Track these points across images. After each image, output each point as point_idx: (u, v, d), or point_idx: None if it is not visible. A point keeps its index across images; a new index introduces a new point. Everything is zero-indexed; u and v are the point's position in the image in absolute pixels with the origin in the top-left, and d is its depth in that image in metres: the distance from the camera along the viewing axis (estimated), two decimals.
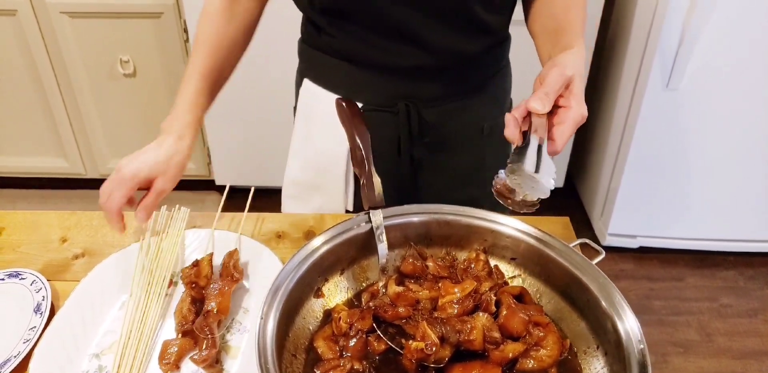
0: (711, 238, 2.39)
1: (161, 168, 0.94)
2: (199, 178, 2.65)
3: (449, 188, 1.16)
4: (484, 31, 1.03)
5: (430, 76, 1.05)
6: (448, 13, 0.97)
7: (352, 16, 0.99)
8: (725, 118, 2.09)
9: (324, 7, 1.01)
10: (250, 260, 0.99)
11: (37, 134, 2.54)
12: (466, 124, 1.12)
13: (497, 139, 1.16)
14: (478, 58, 1.07)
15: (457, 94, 1.09)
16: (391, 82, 1.05)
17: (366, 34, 1.00)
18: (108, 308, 0.93)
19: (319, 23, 1.05)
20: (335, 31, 1.03)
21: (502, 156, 1.20)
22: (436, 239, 0.90)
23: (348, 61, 1.05)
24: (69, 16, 2.22)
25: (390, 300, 0.81)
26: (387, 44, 1.01)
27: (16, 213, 1.13)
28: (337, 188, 1.14)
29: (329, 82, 1.09)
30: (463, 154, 1.15)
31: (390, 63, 1.03)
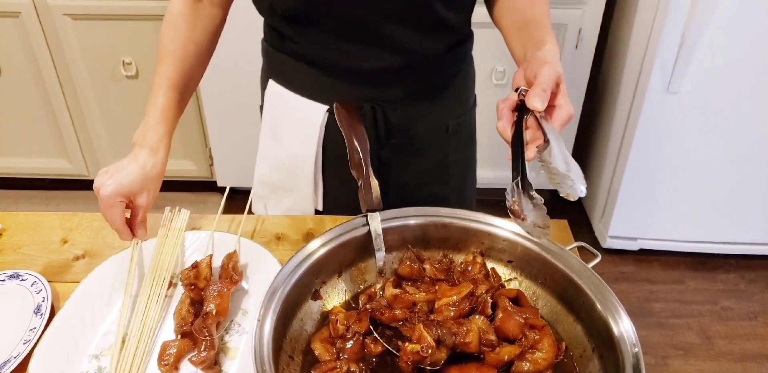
0: (711, 241, 2.39)
1: (138, 186, 0.97)
2: (200, 180, 2.66)
3: (415, 186, 1.17)
4: (446, 30, 1.03)
5: (395, 77, 1.05)
6: (409, 14, 0.97)
7: (314, 21, 0.99)
8: (725, 121, 2.09)
9: (285, 13, 1.00)
10: (250, 261, 0.99)
11: (40, 135, 2.55)
12: (432, 123, 1.13)
13: (462, 136, 1.19)
14: (442, 57, 1.08)
15: (422, 95, 1.09)
16: (355, 84, 1.05)
17: (328, 38, 1.00)
18: (108, 309, 0.94)
19: (280, 29, 1.05)
20: (297, 37, 1.03)
21: (465, 152, 1.22)
22: (433, 241, 0.91)
23: (311, 64, 1.06)
24: (72, 18, 2.23)
25: (387, 302, 0.81)
26: (350, 48, 1.01)
27: (18, 214, 1.14)
28: (306, 189, 1.15)
29: (294, 84, 1.10)
30: (429, 153, 1.16)
31: (354, 66, 1.03)
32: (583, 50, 2.23)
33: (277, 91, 1.12)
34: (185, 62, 1.03)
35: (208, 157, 2.58)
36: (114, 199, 0.94)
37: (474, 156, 1.27)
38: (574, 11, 2.15)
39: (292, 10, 0.99)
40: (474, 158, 1.27)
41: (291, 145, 1.14)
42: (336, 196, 1.17)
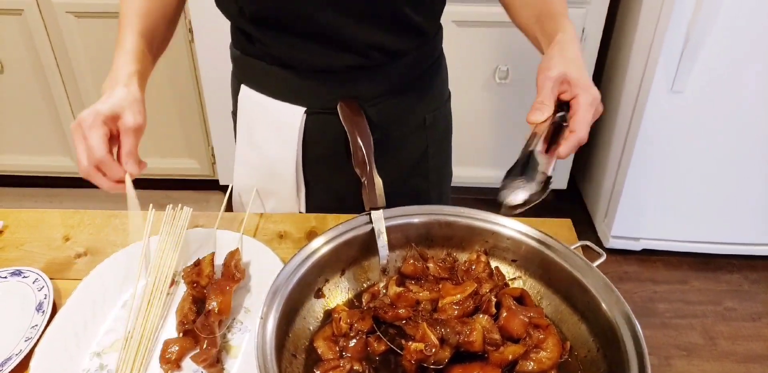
0: (715, 241, 2.38)
1: (119, 106, 0.87)
2: (203, 178, 2.66)
3: (396, 181, 1.15)
4: (414, 30, 1.03)
5: (367, 75, 1.05)
6: (377, 16, 0.97)
7: (282, 22, 0.98)
8: (729, 121, 2.08)
9: (253, 16, 0.99)
10: (252, 259, 0.99)
11: (43, 133, 2.55)
12: (409, 118, 1.13)
13: (438, 129, 1.19)
14: (412, 54, 1.07)
15: (396, 90, 1.09)
16: (330, 84, 1.05)
17: (298, 40, 1.00)
18: (109, 306, 0.93)
19: (249, 31, 1.04)
20: (267, 39, 1.02)
21: (442, 145, 1.22)
22: (437, 240, 0.91)
23: (284, 67, 1.05)
24: (75, 15, 2.23)
25: (390, 301, 0.81)
26: (319, 48, 1.00)
27: (20, 211, 1.14)
28: (288, 192, 1.14)
29: (268, 88, 1.09)
30: (408, 148, 1.16)
31: (325, 66, 1.03)
32: (586, 50, 2.22)
33: (250, 96, 1.11)
34: (149, 17, 0.99)
35: (211, 156, 2.58)
36: (93, 118, 0.83)
37: (450, 149, 1.28)
38: (578, 10, 2.14)
39: (260, 13, 0.98)
40: (450, 151, 1.28)
41: (270, 150, 1.12)
42: (319, 197, 1.16)
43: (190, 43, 2.28)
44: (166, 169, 2.62)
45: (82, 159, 0.83)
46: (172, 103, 2.45)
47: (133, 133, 0.86)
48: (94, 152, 0.83)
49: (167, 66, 2.35)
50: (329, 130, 1.07)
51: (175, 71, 2.36)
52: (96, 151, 0.83)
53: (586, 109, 0.79)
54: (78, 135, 0.84)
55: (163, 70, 2.36)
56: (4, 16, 2.25)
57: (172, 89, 2.41)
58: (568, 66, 0.82)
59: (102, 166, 0.84)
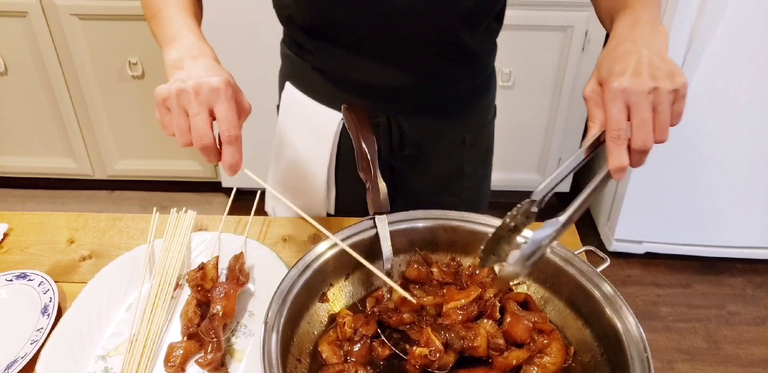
0: (719, 244, 2.38)
1: (233, 82, 0.78)
2: (206, 181, 2.66)
3: (426, 196, 1.15)
4: (466, 54, 1.02)
5: (410, 93, 1.04)
6: (431, 39, 0.95)
7: (332, 35, 0.98)
8: (732, 125, 2.08)
9: (304, 25, 1.00)
10: (256, 263, 0.99)
11: (46, 135, 2.55)
12: (448, 136, 1.11)
13: (479, 148, 1.16)
14: (460, 74, 1.06)
15: (436, 109, 1.07)
16: (370, 97, 1.04)
17: (345, 53, 0.99)
18: (114, 310, 0.94)
19: (298, 40, 1.04)
20: (314, 48, 1.02)
21: (481, 164, 1.20)
22: (441, 244, 0.91)
23: (326, 76, 1.05)
24: (79, 18, 2.24)
25: (394, 306, 0.81)
26: (365, 64, 0.99)
27: (24, 214, 1.14)
28: (318, 193, 1.14)
29: (310, 90, 1.09)
30: (442, 165, 1.14)
31: (368, 81, 1.02)
32: (590, 53, 2.22)
33: (293, 94, 1.11)
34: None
35: None
36: (228, 89, 0.74)
37: (490, 168, 1.24)
38: (581, 13, 2.14)
39: (311, 24, 0.98)
40: (490, 170, 1.25)
41: (305, 149, 1.13)
42: (347, 200, 1.16)
43: None
44: (168, 171, 2.62)
45: (207, 131, 0.74)
46: None
47: (245, 117, 0.80)
48: (231, 127, 0.74)
49: None
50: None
51: None
52: (232, 125, 0.74)
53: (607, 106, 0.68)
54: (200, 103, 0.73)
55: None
56: (8, 18, 2.25)
57: None
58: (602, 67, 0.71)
59: (230, 145, 0.75)
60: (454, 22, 0.93)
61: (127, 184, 2.74)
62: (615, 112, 0.67)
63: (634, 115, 0.67)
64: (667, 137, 0.68)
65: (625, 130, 0.67)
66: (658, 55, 0.70)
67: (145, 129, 2.52)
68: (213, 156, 0.75)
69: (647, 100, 0.66)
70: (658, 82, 0.66)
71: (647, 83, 0.66)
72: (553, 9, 2.14)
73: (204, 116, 0.73)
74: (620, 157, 0.67)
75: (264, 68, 0.98)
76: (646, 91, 0.66)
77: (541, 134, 2.44)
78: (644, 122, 0.66)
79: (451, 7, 0.91)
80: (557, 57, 2.24)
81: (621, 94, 0.67)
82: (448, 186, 1.16)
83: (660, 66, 0.68)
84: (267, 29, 1.08)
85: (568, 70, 2.24)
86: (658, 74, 0.67)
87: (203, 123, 0.73)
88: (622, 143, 0.67)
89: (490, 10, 0.97)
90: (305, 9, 0.97)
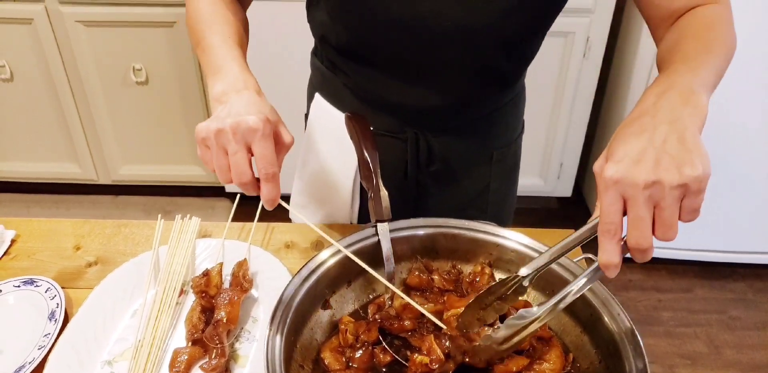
0: (720, 249, 2.38)
1: (275, 116, 0.78)
2: (209, 185, 2.68)
3: (451, 212, 1.12)
4: (500, 79, 1.02)
5: (443, 112, 1.04)
6: (467, 64, 0.95)
7: (365, 56, 0.98)
8: (732, 129, 2.09)
9: (337, 46, 1.00)
10: (260, 269, 1.01)
11: (51, 140, 2.57)
12: (475, 152, 1.11)
13: (506, 164, 1.16)
14: (491, 96, 1.06)
15: (465, 127, 1.07)
16: (401, 116, 1.05)
17: (376, 73, 1.00)
18: (120, 315, 0.95)
19: (331, 58, 1.05)
20: (346, 69, 1.03)
21: (507, 180, 1.19)
22: (442, 252, 0.92)
23: (356, 93, 1.06)
24: (84, 24, 2.26)
25: (396, 313, 0.82)
26: (397, 86, 1.00)
27: (31, 221, 1.16)
28: (343, 203, 1.15)
29: (340, 103, 1.09)
30: (469, 180, 1.14)
31: (401, 102, 1.02)
32: (591, 59, 2.24)
33: (322, 106, 1.12)
34: (233, 25, 0.92)
35: None
36: (266, 126, 0.74)
37: (516, 183, 1.24)
38: (582, 19, 2.16)
39: (346, 45, 0.99)
40: (515, 185, 1.24)
41: (332, 159, 1.13)
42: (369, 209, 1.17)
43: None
44: (171, 175, 2.64)
45: (245, 168, 0.74)
46: (179, 110, 2.47)
47: (286, 151, 0.79)
48: (268, 165, 0.74)
49: (174, 74, 2.38)
50: (389, 152, 1.05)
51: (182, 79, 2.39)
52: (270, 163, 0.74)
53: (600, 196, 0.60)
54: (237, 141, 0.73)
55: (171, 77, 2.39)
56: (14, 25, 2.27)
57: (179, 97, 2.43)
58: (611, 145, 0.63)
59: (268, 182, 0.75)
60: (494, 49, 0.93)
61: (130, 189, 2.76)
62: (606, 205, 0.60)
63: (629, 210, 0.59)
64: (675, 236, 0.60)
65: (618, 225, 0.60)
66: (679, 135, 0.60)
67: (149, 134, 2.54)
68: (252, 190, 0.77)
69: (643, 195, 0.58)
70: (660, 175, 0.58)
71: (645, 175, 0.58)
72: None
73: (242, 155, 0.74)
74: (610, 253, 0.60)
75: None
76: (641, 185, 0.58)
77: (542, 139, 2.45)
78: (639, 220, 0.59)
79: (493, 36, 0.91)
80: (558, 63, 2.26)
81: (613, 186, 0.59)
82: (474, 201, 1.17)
83: (674, 152, 0.59)
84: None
85: (569, 75, 2.25)
86: (666, 163, 0.58)
87: (242, 161, 0.74)
88: (613, 238, 0.60)
89: (530, 39, 0.98)
90: (342, 31, 0.97)
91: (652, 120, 0.62)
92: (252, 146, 0.74)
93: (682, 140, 0.60)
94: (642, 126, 0.62)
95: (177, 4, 2.21)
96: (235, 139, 0.73)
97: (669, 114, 0.62)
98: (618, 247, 0.60)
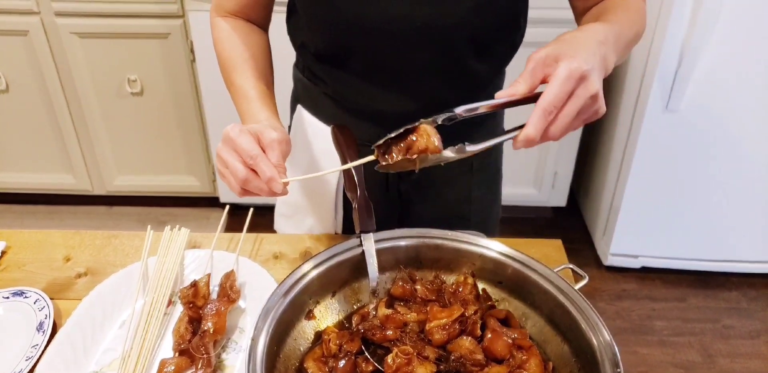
0: (714, 258, 2.39)
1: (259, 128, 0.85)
2: (204, 196, 2.69)
3: (434, 221, 1.15)
4: (475, 81, 1.04)
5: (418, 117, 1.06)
6: (438, 65, 0.98)
7: (343, 62, 1.01)
8: (725, 139, 2.11)
9: (317, 52, 1.03)
10: (247, 280, 1.01)
11: (46, 151, 2.58)
12: (455, 161, 1.12)
13: (488, 172, 1.18)
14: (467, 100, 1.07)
15: (444, 134, 1.09)
16: (381, 123, 1.06)
17: (355, 80, 1.02)
18: (108, 326, 0.96)
19: (311, 66, 1.07)
20: (326, 75, 1.05)
21: (490, 188, 1.21)
22: (425, 262, 0.93)
23: (337, 102, 1.08)
24: (79, 36, 2.28)
25: (380, 323, 0.83)
26: (376, 92, 1.02)
27: (22, 232, 1.16)
28: (327, 212, 1.16)
29: (321, 114, 1.11)
30: (451, 190, 1.16)
31: (380, 108, 1.05)
32: None
33: (304, 117, 1.14)
34: (257, 59, 1.01)
35: (211, 173, 2.61)
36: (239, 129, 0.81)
37: (499, 191, 1.26)
38: None
39: (323, 50, 1.01)
40: (499, 194, 1.26)
41: (314, 170, 1.14)
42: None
43: (192, 62, 2.32)
44: (166, 186, 2.65)
45: (237, 165, 0.80)
46: (173, 121, 2.48)
47: (277, 144, 0.82)
48: (249, 151, 0.79)
49: (169, 85, 2.39)
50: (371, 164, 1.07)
51: (177, 90, 2.40)
52: (250, 150, 0.79)
53: (559, 81, 0.70)
54: (226, 148, 0.81)
55: (165, 88, 2.40)
56: (10, 37, 2.29)
57: (173, 107, 2.44)
58: (558, 46, 0.74)
59: (257, 165, 0.80)
60: (464, 48, 0.96)
61: (125, 200, 2.77)
62: (561, 91, 0.71)
63: (570, 103, 0.71)
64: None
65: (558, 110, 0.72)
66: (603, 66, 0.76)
67: (144, 145, 2.55)
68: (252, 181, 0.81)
69: (585, 98, 0.72)
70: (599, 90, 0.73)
71: (598, 85, 0.72)
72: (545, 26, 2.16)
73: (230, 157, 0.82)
74: (539, 129, 0.71)
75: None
76: (592, 92, 0.72)
77: (536, 149, 2.46)
78: (571, 113, 0.72)
79: (463, 35, 0.94)
80: None
81: (575, 80, 0.71)
82: (457, 211, 1.18)
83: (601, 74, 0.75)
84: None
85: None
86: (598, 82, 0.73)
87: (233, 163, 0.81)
88: (548, 118, 0.71)
89: (498, 38, 1.00)
90: (319, 36, 1.00)
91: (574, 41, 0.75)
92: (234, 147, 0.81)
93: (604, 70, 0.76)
94: (570, 42, 0.75)
95: (171, 16, 2.23)
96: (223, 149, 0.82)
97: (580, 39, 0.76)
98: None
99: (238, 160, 0.80)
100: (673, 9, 1.88)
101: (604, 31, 0.79)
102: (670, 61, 1.97)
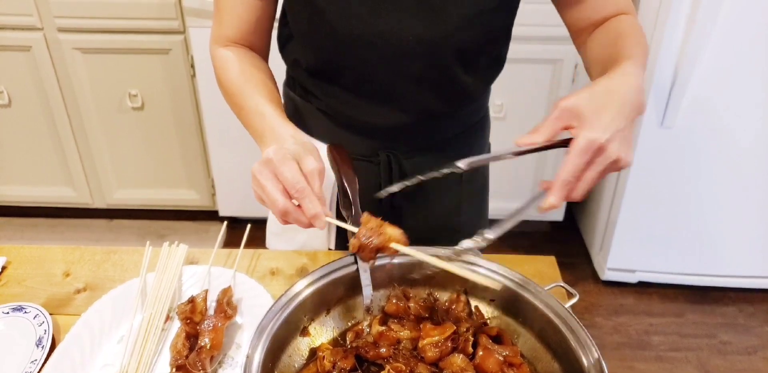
0: (711, 274, 2.40)
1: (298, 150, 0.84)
2: (203, 209, 2.70)
3: (425, 233, 1.18)
4: (463, 94, 1.07)
5: (408, 132, 1.09)
6: (426, 76, 1.00)
7: (335, 77, 1.03)
8: (720, 155, 2.12)
9: (309, 68, 1.05)
10: (244, 296, 1.02)
11: (47, 165, 2.60)
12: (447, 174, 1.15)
13: (475, 184, 1.21)
14: (456, 114, 1.11)
15: (435, 147, 1.12)
16: (372, 136, 1.10)
17: (347, 94, 1.05)
18: (107, 341, 0.96)
19: (302, 81, 1.09)
20: (317, 90, 1.08)
21: (478, 200, 1.24)
22: (419, 279, 0.94)
23: (329, 116, 1.10)
24: (81, 51, 2.30)
25: (373, 339, 0.84)
26: (367, 106, 1.05)
27: (22, 248, 1.18)
28: (320, 230, 1.17)
29: (313, 131, 1.13)
30: (441, 201, 1.19)
31: (372, 122, 1.07)
32: (579, 84, 2.28)
33: None
34: (268, 86, 1.01)
35: (211, 187, 2.62)
36: (282, 154, 0.81)
37: (486, 203, 1.29)
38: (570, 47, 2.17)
39: (315, 66, 1.04)
40: (486, 206, 1.29)
41: None
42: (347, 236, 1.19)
43: (193, 77, 2.34)
44: (166, 199, 2.67)
45: (277, 196, 0.80)
46: (174, 135, 2.50)
47: (317, 174, 0.82)
48: (294, 184, 0.79)
49: (169, 100, 2.42)
50: (363, 176, 1.06)
51: (177, 105, 2.42)
52: (296, 183, 0.79)
53: (576, 152, 0.75)
54: (267, 173, 0.80)
55: (166, 103, 2.42)
56: (13, 52, 2.32)
57: (173, 122, 2.47)
58: (587, 98, 0.77)
59: (302, 199, 0.80)
60: (453, 60, 0.99)
61: (125, 213, 2.78)
62: (579, 163, 0.76)
63: (589, 170, 0.76)
64: None
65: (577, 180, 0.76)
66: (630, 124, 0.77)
67: (144, 159, 2.57)
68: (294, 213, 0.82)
69: (603, 165, 0.76)
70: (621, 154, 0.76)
71: (616, 152, 0.75)
72: (543, 43, 2.19)
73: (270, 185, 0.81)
74: (560, 199, 0.77)
75: None
76: (612, 158, 0.76)
77: (533, 163, 2.48)
78: (591, 180, 0.76)
79: (451, 47, 0.97)
80: (548, 89, 2.30)
81: (593, 151, 0.75)
82: (446, 223, 1.21)
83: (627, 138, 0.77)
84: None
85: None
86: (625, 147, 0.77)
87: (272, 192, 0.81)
88: (569, 187, 0.77)
89: (486, 50, 1.03)
90: (310, 52, 1.03)
91: (604, 94, 0.78)
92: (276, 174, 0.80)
93: (630, 130, 0.77)
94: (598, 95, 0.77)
95: (172, 32, 2.26)
96: (262, 173, 0.81)
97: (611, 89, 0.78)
98: None
99: (279, 189, 0.80)
100: (666, 27, 1.90)
101: (635, 74, 0.81)
102: (665, 78, 1.99)
